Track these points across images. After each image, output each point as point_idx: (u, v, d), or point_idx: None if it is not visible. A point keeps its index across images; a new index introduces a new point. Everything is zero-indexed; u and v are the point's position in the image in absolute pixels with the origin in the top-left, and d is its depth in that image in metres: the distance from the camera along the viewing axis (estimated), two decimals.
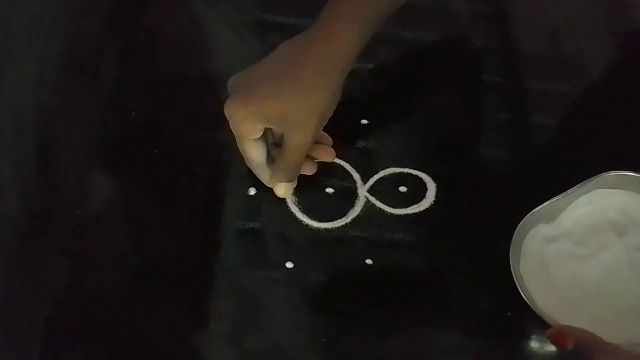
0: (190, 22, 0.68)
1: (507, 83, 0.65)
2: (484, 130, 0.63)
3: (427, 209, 0.59)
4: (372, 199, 0.59)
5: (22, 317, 0.54)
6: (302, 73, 0.53)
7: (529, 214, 0.52)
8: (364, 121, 0.63)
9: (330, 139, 0.59)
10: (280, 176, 0.57)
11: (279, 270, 0.56)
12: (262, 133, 0.55)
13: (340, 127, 0.62)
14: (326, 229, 0.58)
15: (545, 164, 0.61)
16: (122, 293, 0.55)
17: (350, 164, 0.60)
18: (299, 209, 0.58)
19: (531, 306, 0.50)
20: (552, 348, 0.53)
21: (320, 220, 0.58)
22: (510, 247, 0.51)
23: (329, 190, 0.59)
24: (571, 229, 0.53)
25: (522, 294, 0.50)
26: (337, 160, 0.61)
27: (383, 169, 0.60)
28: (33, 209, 0.58)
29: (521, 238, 0.52)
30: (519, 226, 0.52)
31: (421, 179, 0.60)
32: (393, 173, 0.60)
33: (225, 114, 0.54)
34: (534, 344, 0.54)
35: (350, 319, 0.54)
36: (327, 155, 0.59)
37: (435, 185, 0.59)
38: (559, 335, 0.47)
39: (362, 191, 0.59)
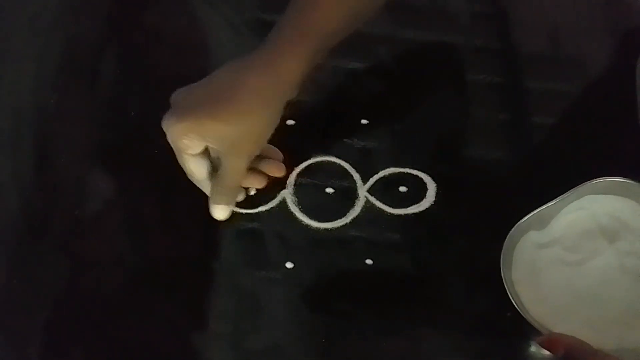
0: (190, 21, 0.68)
1: (507, 83, 0.65)
2: (484, 130, 0.63)
3: (427, 209, 0.59)
4: (372, 199, 0.59)
5: (21, 317, 0.54)
6: (240, 96, 0.52)
7: (519, 222, 0.52)
8: (363, 121, 0.62)
9: (280, 154, 0.59)
10: (217, 198, 0.57)
11: (278, 270, 0.56)
12: (201, 149, 0.54)
13: (340, 127, 0.62)
14: (326, 229, 0.58)
15: (545, 164, 0.61)
16: (122, 293, 0.55)
17: (350, 164, 0.60)
18: (299, 209, 0.58)
19: (522, 314, 0.50)
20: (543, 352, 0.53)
21: (320, 220, 0.58)
22: (501, 255, 0.51)
23: (329, 190, 0.59)
24: (562, 236, 0.53)
25: (513, 301, 0.50)
26: (337, 160, 0.61)
27: (383, 169, 0.60)
28: (32, 209, 0.58)
29: (512, 245, 0.52)
30: (509, 234, 0.52)
31: (421, 179, 0.60)
32: (393, 173, 0.60)
33: (162, 127, 0.54)
34: (533, 345, 0.54)
35: (350, 318, 0.54)
36: (276, 170, 0.59)
37: (435, 185, 0.59)
38: (549, 342, 0.47)
39: (362, 191, 0.59)
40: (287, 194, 0.59)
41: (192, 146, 0.53)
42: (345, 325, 0.54)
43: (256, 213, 0.58)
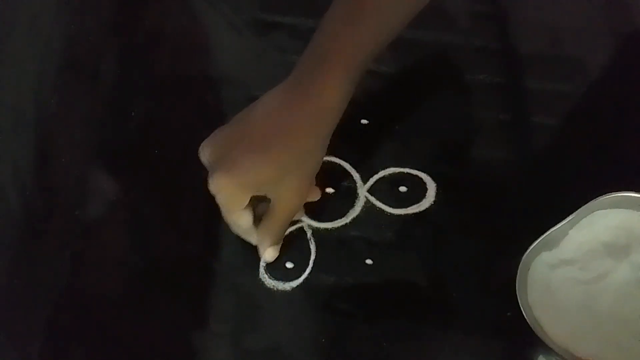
0: (190, 22, 0.68)
1: (507, 83, 0.65)
2: (483, 130, 0.63)
3: (427, 208, 0.59)
4: (372, 199, 0.59)
5: (22, 317, 0.54)
6: (293, 139, 0.49)
7: (530, 246, 0.51)
8: (363, 121, 0.63)
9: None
10: (268, 240, 0.54)
11: (279, 270, 0.56)
12: (248, 200, 0.52)
13: (340, 127, 0.62)
14: (326, 229, 0.58)
15: (545, 164, 0.61)
16: (123, 293, 0.55)
17: (350, 164, 0.60)
18: None
19: (542, 339, 0.48)
20: (550, 348, 0.53)
21: (320, 220, 0.58)
22: (517, 280, 0.50)
23: (329, 190, 0.59)
24: (575, 254, 0.52)
25: (531, 326, 0.49)
26: (337, 160, 0.61)
27: (383, 169, 0.60)
28: (33, 208, 0.58)
29: (525, 269, 0.51)
30: (522, 259, 0.51)
31: (421, 178, 0.60)
32: (393, 173, 0.60)
33: (211, 190, 0.51)
34: (534, 344, 0.54)
35: (350, 318, 0.54)
36: (314, 195, 0.57)
37: (435, 185, 0.59)
38: None
39: (362, 191, 0.59)
40: None
41: (242, 201, 0.51)
42: (345, 324, 0.54)
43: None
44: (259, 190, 0.51)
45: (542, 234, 0.52)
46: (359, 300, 0.55)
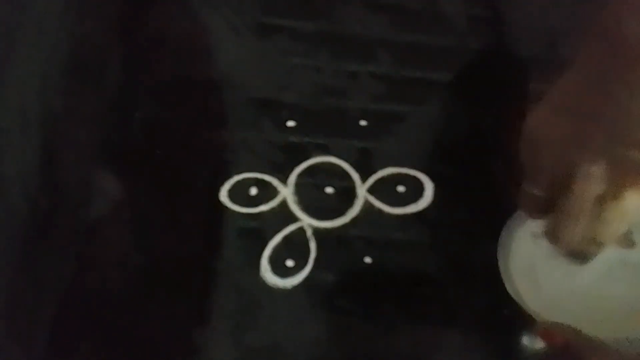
0: (193, 25, 0.68)
1: (504, 85, 0.66)
2: (481, 131, 0.63)
3: (425, 208, 0.59)
4: (371, 199, 0.59)
5: (27, 316, 0.54)
6: None
7: (515, 213, 0.52)
8: (362, 122, 0.63)
9: None
10: None
11: (279, 269, 0.56)
12: None
13: (340, 128, 0.63)
14: (326, 228, 0.58)
15: None
16: (125, 291, 0.55)
17: (350, 164, 0.61)
18: (299, 208, 0.59)
19: (519, 303, 0.49)
20: (538, 346, 0.53)
21: (320, 219, 0.58)
22: (498, 247, 0.51)
23: (329, 190, 0.60)
24: None
25: (510, 292, 0.50)
26: (337, 161, 0.61)
27: (381, 169, 0.61)
28: (38, 209, 0.58)
29: (510, 237, 0.52)
30: (506, 224, 0.52)
31: (419, 179, 0.60)
32: (391, 173, 0.61)
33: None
34: (531, 342, 0.54)
35: (350, 316, 0.55)
36: None
37: (432, 185, 0.60)
38: (546, 333, 0.47)
39: (361, 191, 0.60)
40: (287, 194, 0.60)
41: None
42: (344, 323, 0.55)
43: (257, 213, 0.59)
44: None
45: None
46: (359, 298, 0.56)
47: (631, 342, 0.48)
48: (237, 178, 0.60)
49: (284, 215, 0.59)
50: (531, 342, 0.52)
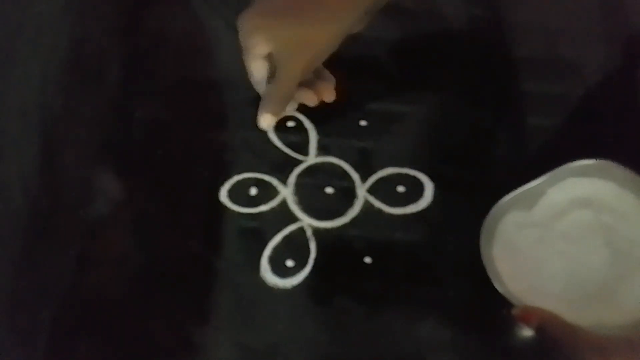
0: (193, 25, 0.68)
1: (504, 85, 0.66)
2: (480, 132, 0.63)
3: (424, 208, 0.59)
4: (371, 199, 0.59)
5: (28, 315, 0.54)
6: (309, 3, 0.55)
7: (501, 200, 0.53)
8: (362, 122, 0.63)
9: (333, 79, 0.61)
10: (267, 106, 0.58)
11: (279, 269, 0.56)
12: (266, 52, 0.56)
13: (340, 128, 0.63)
14: (326, 228, 0.58)
15: (541, 165, 0.61)
16: (125, 291, 0.55)
17: (350, 164, 0.61)
18: (299, 208, 0.59)
19: (498, 288, 0.50)
20: (547, 346, 0.53)
21: (320, 219, 0.59)
22: (481, 231, 0.52)
23: (329, 190, 0.60)
24: (544, 217, 0.54)
25: (490, 275, 0.51)
26: (337, 161, 0.61)
27: (381, 169, 0.61)
28: (38, 208, 0.58)
29: (493, 223, 0.53)
30: (490, 212, 0.53)
31: (418, 179, 0.60)
32: (391, 173, 0.61)
33: (238, 24, 0.56)
34: (531, 341, 0.54)
35: (350, 316, 0.55)
36: (328, 93, 0.60)
37: (432, 185, 0.60)
38: (523, 314, 0.47)
39: (361, 191, 0.60)
40: (287, 194, 0.60)
41: (257, 46, 0.55)
42: (344, 322, 0.54)
43: (257, 212, 0.59)
44: (268, 39, 0.55)
45: None
46: (358, 298, 0.55)
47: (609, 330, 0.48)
48: (237, 178, 0.60)
49: (284, 215, 0.59)
50: (536, 343, 0.52)
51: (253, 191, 0.60)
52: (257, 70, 0.58)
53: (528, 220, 0.54)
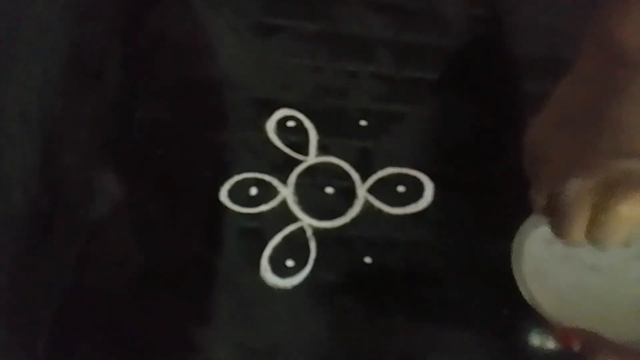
0: (193, 25, 0.68)
1: (504, 85, 0.66)
2: (480, 132, 0.63)
3: (425, 208, 0.59)
4: (371, 199, 0.60)
5: (28, 315, 0.54)
6: None
7: (529, 218, 0.51)
8: (362, 122, 0.63)
9: None
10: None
11: (279, 269, 0.56)
12: None
13: (340, 128, 0.63)
14: (326, 228, 0.58)
15: None
16: (125, 291, 0.55)
17: (350, 164, 0.61)
18: (299, 208, 0.59)
19: (535, 308, 0.49)
20: (548, 345, 0.54)
21: (320, 219, 0.59)
22: (512, 251, 0.51)
23: (329, 190, 0.60)
24: None
25: (525, 296, 0.49)
26: (337, 161, 0.61)
27: (381, 168, 0.61)
28: (38, 208, 0.58)
29: (522, 241, 0.51)
30: (520, 227, 0.51)
31: (419, 179, 0.60)
32: (391, 173, 0.61)
33: (616, 214, 0.40)
34: (530, 341, 0.54)
35: (350, 316, 0.55)
36: None
37: (432, 185, 0.60)
38: (564, 335, 0.46)
39: (361, 191, 0.60)
40: (287, 194, 0.60)
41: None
42: (344, 322, 0.55)
43: (257, 213, 0.59)
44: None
45: None
46: (358, 298, 0.56)
47: None
48: (237, 178, 0.60)
49: (284, 215, 0.59)
50: (542, 342, 0.52)
51: (253, 191, 0.60)
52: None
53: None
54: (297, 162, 0.61)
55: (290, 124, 0.63)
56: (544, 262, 0.51)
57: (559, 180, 0.43)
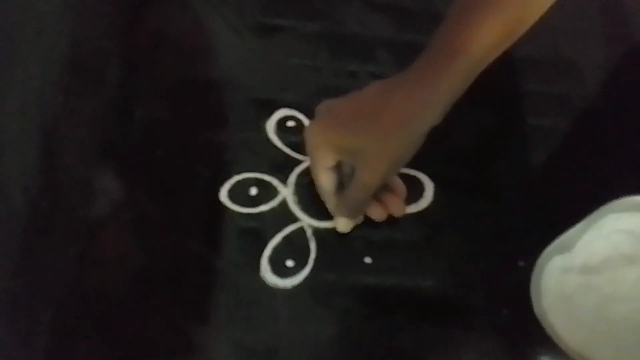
0: (193, 25, 0.68)
1: (504, 85, 0.66)
2: (480, 132, 0.63)
3: (425, 208, 0.59)
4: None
5: (26, 315, 0.54)
6: (383, 116, 0.51)
7: (544, 251, 0.51)
8: None
9: (405, 191, 0.58)
10: (342, 210, 0.56)
11: (279, 269, 0.56)
12: (334, 163, 0.54)
13: None
14: (326, 228, 0.58)
15: (542, 165, 0.61)
16: (125, 291, 0.55)
17: None
18: (299, 208, 0.59)
19: (559, 344, 0.49)
20: (546, 345, 0.54)
21: (320, 219, 0.59)
22: (531, 285, 0.50)
23: None
24: (588, 259, 0.52)
25: (547, 331, 0.49)
26: None
27: None
28: (37, 208, 0.58)
29: (538, 276, 0.51)
30: (536, 264, 0.51)
31: (419, 179, 0.60)
32: None
33: (304, 136, 0.54)
34: (530, 341, 0.54)
35: (350, 316, 0.55)
36: (397, 207, 0.57)
37: (432, 185, 0.60)
38: None
39: None
40: (287, 194, 0.60)
41: (326, 158, 0.53)
42: (344, 322, 0.55)
43: (257, 213, 0.59)
44: (340, 152, 0.53)
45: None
46: (359, 298, 0.56)
47: None
48: (237, 178, 0.60)
49: (284, 215, 0.59)
50: (534, 343, 0.52)
51: (253, 191, 0.60)
52: (327, 182, 0.55)
53: (572, 264, 0.52)
54: (297, 162, 0.61)
55: (290, 124, 0.63)
56: (565, 292, 0.51)
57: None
